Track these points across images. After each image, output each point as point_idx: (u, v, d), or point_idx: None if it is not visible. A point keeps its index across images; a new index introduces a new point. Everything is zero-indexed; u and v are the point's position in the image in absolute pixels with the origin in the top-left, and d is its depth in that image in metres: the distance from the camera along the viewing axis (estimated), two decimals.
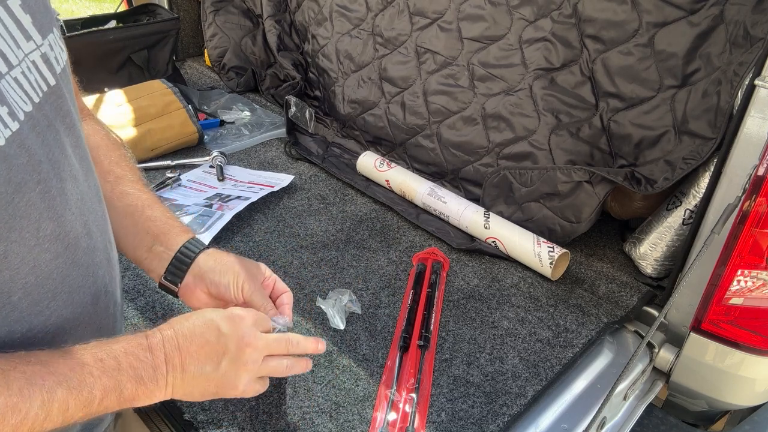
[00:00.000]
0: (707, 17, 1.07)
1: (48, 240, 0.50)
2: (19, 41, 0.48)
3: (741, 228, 0.87)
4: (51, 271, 0.51)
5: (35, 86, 0.49)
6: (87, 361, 0.51)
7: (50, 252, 0.51)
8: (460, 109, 1.40)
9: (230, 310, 0.66)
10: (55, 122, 0.52)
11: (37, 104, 0.49)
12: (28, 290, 0.49)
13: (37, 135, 0.49)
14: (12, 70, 0.47)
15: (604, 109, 1.20)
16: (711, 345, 0.98)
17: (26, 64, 0.48)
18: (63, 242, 0.52)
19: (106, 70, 1.71)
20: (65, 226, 0.52)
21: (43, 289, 0.51)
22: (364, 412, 0.85)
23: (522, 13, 1.31)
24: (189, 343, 0.60)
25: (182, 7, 2.02)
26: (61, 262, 0.52)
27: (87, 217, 0.57)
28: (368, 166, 1.45)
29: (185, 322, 0.62)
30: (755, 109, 0.86)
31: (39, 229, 0.49)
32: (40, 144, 0.49)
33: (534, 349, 0.98)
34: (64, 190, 0.52)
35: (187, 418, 0.82)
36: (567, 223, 1.21)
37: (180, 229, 0.75)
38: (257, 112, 1.73)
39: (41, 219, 0.49)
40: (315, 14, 1.74)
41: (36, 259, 0.49)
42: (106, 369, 0.52)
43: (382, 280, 1.13)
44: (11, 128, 0.45)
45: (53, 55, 0.53)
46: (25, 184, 0.47)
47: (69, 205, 0.53)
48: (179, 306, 1.02)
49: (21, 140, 0.46)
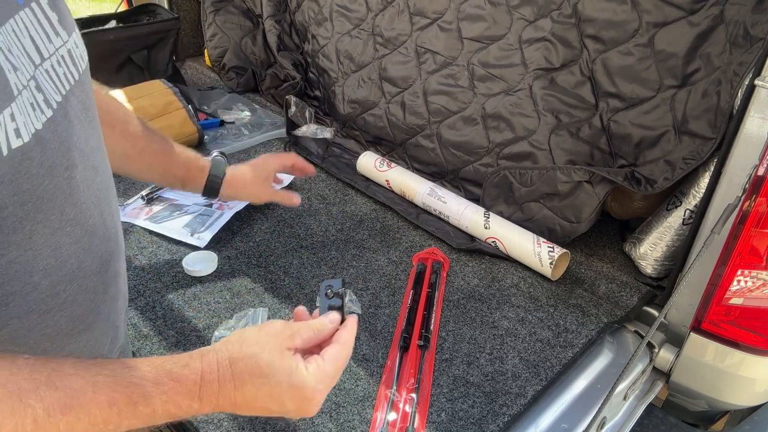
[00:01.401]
0: (707, 17, 1.07)
1: (70, 224, 0.52)
2: (50, 36, 0.51)
3: (741, 228, 0.87)
4: (70, 255, 0.53)
5: (65, 79, 0.52)
6: (118, 402, 0.48)
7: (71, 236, 0.52)
8: (460, 109, 1.40)
9: (303, 389, 0.54)
10: (80, 114, 0.54)
11: (65, 95, 0.51)
12: (48, 271, 0.51)
13: (68, 124, 0.51)
14: (44, 62, 0.49)
15: (604, 109, 1.20)
16: (711, 345, 0.98)
17: (56, 57, 0.51)
18: (83, 228, 0.54)
19: (106, 70, 1.71)
20: (85, 212, 0.54)
21: (61, 271, 0.52)
22: (364, 412, 0.85)
23: (522, 13, 1.31)
24: (242, 405, 0.53)
25: (182, 7, 2.01)
26: (79, 247, 0.54)
27: (103, 207, 0.59)
28: (368, 166, 1.45)
29: (248, 383, 0.53)
30: (755, 109, 0.86)
31: (63, 213, 0.51)
32: (68, 133, 0.51)
33: (534, 349, 0.98)
34: (86, 178, 0.54)
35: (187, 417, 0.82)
36: (567, 223, 1.21)
37: (198, 168, 1.00)
38: (257, 112, 1.73)
39: (66, 203, 0.51)
40: (315, 14, 1.74)
41: (57, 242, 0.51)
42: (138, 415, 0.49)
43: (382, 280, 1.13)
44: (46, 115, 0.48)
45: (78, 53, 0.55)
46: (55, 168, 0.49)
47: (89, 194, 0.55)
48: (179, 306, 1.02)
49: (54, 126, 0.49)
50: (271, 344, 0.54)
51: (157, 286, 1.06)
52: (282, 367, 0.53)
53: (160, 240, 1.18)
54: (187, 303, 1.03)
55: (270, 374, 0.53)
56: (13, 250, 0.47)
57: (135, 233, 1.19)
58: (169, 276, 1.09)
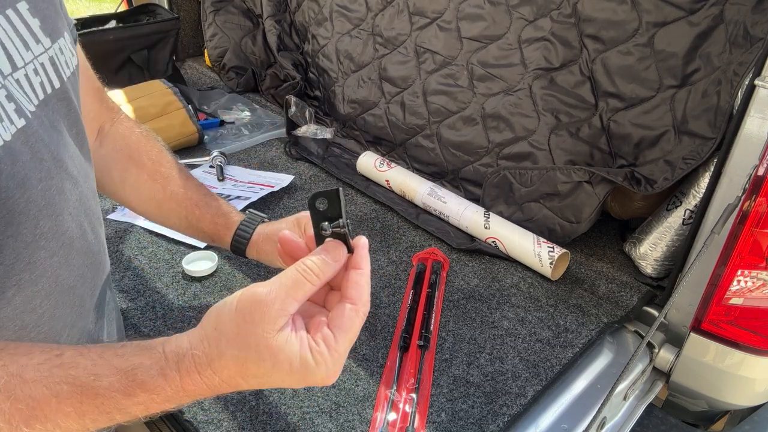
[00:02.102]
0: (707, 17, 1.07)
1: (44, 238, 0.50)
2: (29, 43, 0.49)
3: (741, 228, 0.87)
4: (45, 269, 0.51)
5: (40, 88, 0.50)
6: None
7: (46, 250, 0.51)
8: (459, 109, 1.40)
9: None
10: (58, 124, 0.52)
11: (40, 105, 0.50)
12: (22, 287, 0.49)
13: (42, 134, 0.49)
14: (16, 72, 0.47)
15: (604, 109, 1.20)
16: (711, 345, 0.98)
17: (33, 66, 0.49)
18: (59, 241, 0.52)
19: (106, 70, 1.71)
20: (62, 225, 0.53)
21: (36, 286, 0.51)
22: (364, 412, 0.85)
23: (521, 13, 1.31)
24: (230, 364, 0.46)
25: (182, 7, 2.02)
26: (56, 261, 0.52)
27: (82, 219, 0.57)
28: (368, 166, 1.45)
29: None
30: (755, 109, 0.86)
31: (36, 227, 0.49)
32: (43, 143, 0.49)
33: (534, 349, 0.98)
34: (63, 189, 0.53)
35: (187, 418, 0.82)
36: (567, 223, 1.21)
37: (225, 225, 0.83)
38: (257, 112, 1.73)
39: (39, 216, 0.49)
40: (315, 14, 1.74)
41: (31, 256, 0.49)
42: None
43: (382, 280, 1.13)
44: (17, 125, 0.46)
45: (63, 59, 0.54)
46: (28, 180, 0.47)
47: (67, 205, 0.53)
48: (179, 306, 1.02)
49: (26, 137, 0.47)
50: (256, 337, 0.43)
51: (157, 286, 1.06)
52: (279, 363, 0.44)
53: (160, 240, 1.18)
54: (187, 303, 1.03)
55: (265, 374, 0.45)
56: None
57: (135, 233, 1.19)
58: (169, 276, 1.09)
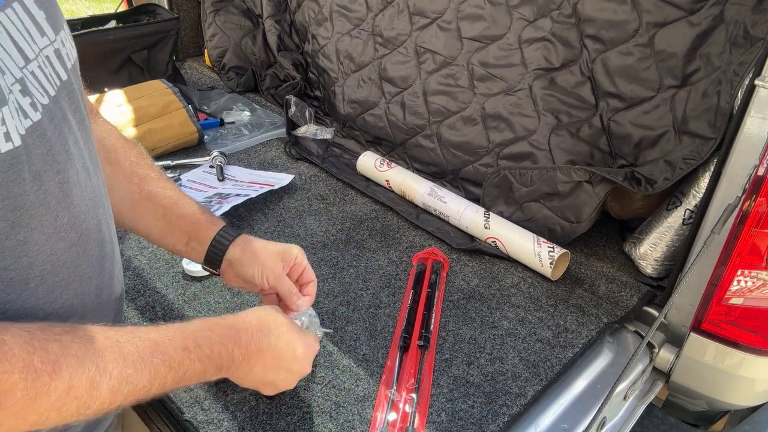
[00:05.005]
0: (707, 17, 1.07)
1: (64, 229, 0.52)
2: (34, 36, 0.49)
3: (741, 228, 0.87)
4: (65, 260, 0.53)
5: (50, 80, 0.51)
6: (188, 346, 0.57)
7: (65, 241, 0.52)
8: (459, 109, 1.40)
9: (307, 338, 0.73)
10: (68, 115, 0.53)
11: (53, 97, 0.50)
12: (44, 278, 0.50)
13: (55, 127, 0.50)
14: (29, 64, 0.48)
15: (604, 109, 1.20)
16: (711, 345, 0.98)
17: (42, 58, 0.50)
18: (77, 232, 0.54)
19: (106, 70, 1.71)
20: (79, 216, 0.54)
21: (57, 277, 0.52)
22: (364, 412, 0.85)
23: (522, 13, 1.31)
24: (267, 353, 0.67)
25: (182, 7, 2.02)
26: (74, 252, 0.54)
27: (97, 210, 0.58)
28: (368, 166, 1.45)
29: (272, 332, 0.68)
30: (755, 109, 0.86)
31: (56, 218, 0.50)
32: (57, 136, 0.50)
33: (534, 349, 0.99)
34: (79, 181, 0.54)
35: (187, 418, 0.82)
36: (567, 223, 1.21)
37: (208, 222, 0.80)
38: (257, 112, 1.73)
39: (59, 208, 0.51)
40: (315, 14, 1.74)
41: (52, 248, 0.51)
42: (202, 356, 0.59)
43: (382, 280, 1.13)
44: (32, 119, 0.47)
45: (65, 51, 0.54)
46: (45, 173, 0.48)
47: (83, 197, 0.55)
48: (179, 306, 1.02)
49: (41, 131, 0.48)
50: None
51: (157, 286, 1.06)
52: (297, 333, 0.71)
53: None
54: (187, 303, 1.03)
55: (290, 331, 0.71)
56: (8, 257, 0.46)
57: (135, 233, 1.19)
58: (169, 276, 1.09)
